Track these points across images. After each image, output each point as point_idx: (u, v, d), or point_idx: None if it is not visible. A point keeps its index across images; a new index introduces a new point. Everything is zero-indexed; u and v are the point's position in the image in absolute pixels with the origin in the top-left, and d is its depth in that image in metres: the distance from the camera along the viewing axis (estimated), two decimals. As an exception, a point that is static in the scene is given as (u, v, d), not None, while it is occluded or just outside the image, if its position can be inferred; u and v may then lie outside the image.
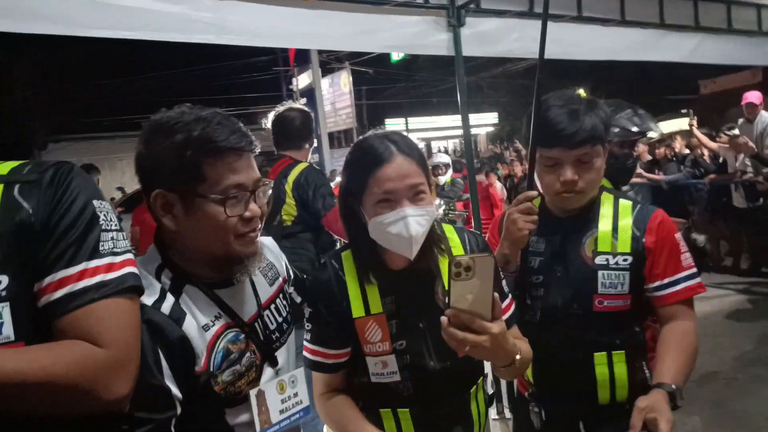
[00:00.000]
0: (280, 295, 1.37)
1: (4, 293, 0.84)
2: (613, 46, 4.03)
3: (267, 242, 1.41)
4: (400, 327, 1.33)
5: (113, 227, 0.95)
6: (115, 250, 0.93)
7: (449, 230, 1.44)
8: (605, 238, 1.53)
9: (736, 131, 6.15)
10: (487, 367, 1.36)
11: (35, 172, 0.91)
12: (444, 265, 1.36)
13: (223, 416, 1.18)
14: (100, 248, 0.91)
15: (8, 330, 0.84)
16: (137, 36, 2.47)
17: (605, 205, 1.59)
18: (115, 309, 0.90)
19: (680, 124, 14.26)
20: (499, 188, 7.87)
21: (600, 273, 1.50)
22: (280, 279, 1.40)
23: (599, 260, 1.51)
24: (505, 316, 1.32)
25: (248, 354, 1.20)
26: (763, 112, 6.14)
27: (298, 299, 1.46)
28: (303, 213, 2.82)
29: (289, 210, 2.84)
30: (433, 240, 1.35)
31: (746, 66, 5.71)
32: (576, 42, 3.85)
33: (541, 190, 1.58)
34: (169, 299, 1.11)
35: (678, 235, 1.54)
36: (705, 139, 7.12)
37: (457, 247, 1.41)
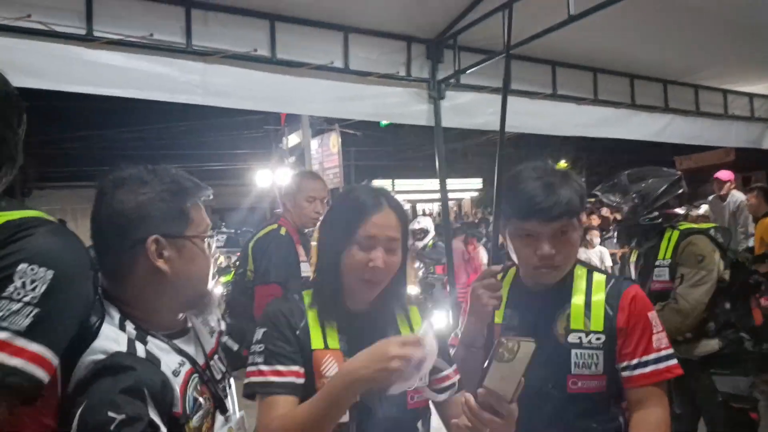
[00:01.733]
0: (219, 347, 1.41)
1: None
2: (585, 122, 4.22)
3: None
4: None
5: (24, 299, 0.84)
6: (2, 324, 0.80)
7: (414, 312, 1.45)
8: (578, 315, 1.46)
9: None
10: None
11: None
12: (401, 320, 1.41)
13: None
14: None
15: None
16: (123, 94, 2.54)
17: (579, 279, 1.52)
18: None
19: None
20: (484, 255, 7.83)
21: (573, 352, 1.42)
22: (216, 332, 1.44)
23: (572, 338, 1.44)
24: (448, 383, 1.39)
25: (205, 400, 1.20)
26: (734, 192, 6.29)
27: (235, 347, 1.47)
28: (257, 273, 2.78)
29: (251, 266, 2.81)
30: (396, 293, 1.39)
31: (717, 146, 5.99)
32: (551, 118, 4.03)
33: (516, 263, 1.53)
34: (140, 346, 1.11)
35: (652, 314, 1.47)
36: None
37: (418, 324, 1.41)
